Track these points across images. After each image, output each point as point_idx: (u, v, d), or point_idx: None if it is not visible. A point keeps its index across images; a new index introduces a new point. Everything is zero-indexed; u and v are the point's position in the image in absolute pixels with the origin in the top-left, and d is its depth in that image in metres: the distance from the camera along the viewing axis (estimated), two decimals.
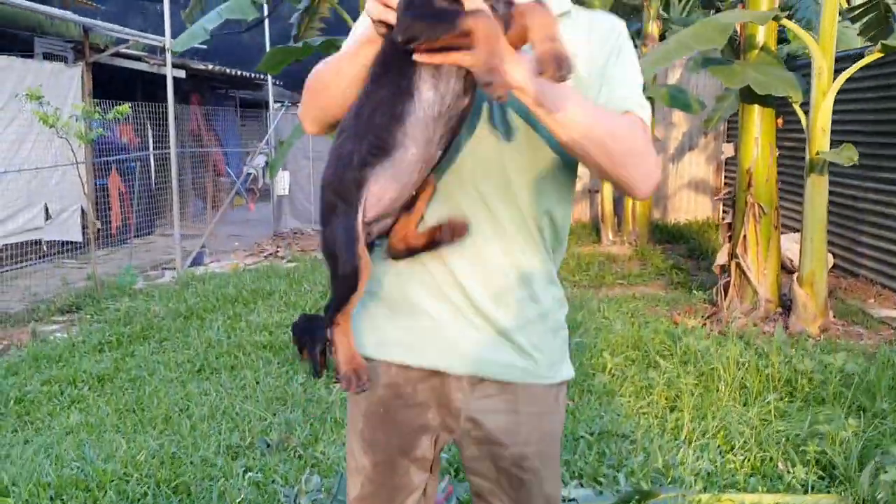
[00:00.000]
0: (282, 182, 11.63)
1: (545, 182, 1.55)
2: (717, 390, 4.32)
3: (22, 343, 5.70)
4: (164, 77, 9.05)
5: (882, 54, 5.33)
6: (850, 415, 3.86)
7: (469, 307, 1.54)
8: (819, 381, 4.31)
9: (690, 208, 11.72)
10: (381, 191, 1.41)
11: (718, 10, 10.64)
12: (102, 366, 4.98)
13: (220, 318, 6.11)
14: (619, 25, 1.58)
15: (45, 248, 9.00)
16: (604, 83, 1.51)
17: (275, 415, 4.12)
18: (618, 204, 10.37)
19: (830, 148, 5.74)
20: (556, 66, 1.22)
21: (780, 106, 6.09)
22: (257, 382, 4.66)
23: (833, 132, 5.80)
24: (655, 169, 1.49)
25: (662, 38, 10.87)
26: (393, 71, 1.35)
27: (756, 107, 5.96)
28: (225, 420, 4.06)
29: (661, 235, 10.47)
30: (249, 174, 15.03)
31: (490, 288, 1.54)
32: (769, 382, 4.39)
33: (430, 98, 1.35)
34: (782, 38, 9.63)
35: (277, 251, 9.75)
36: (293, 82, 16.13)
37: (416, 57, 1.30)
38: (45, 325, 6.25)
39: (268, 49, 12.33)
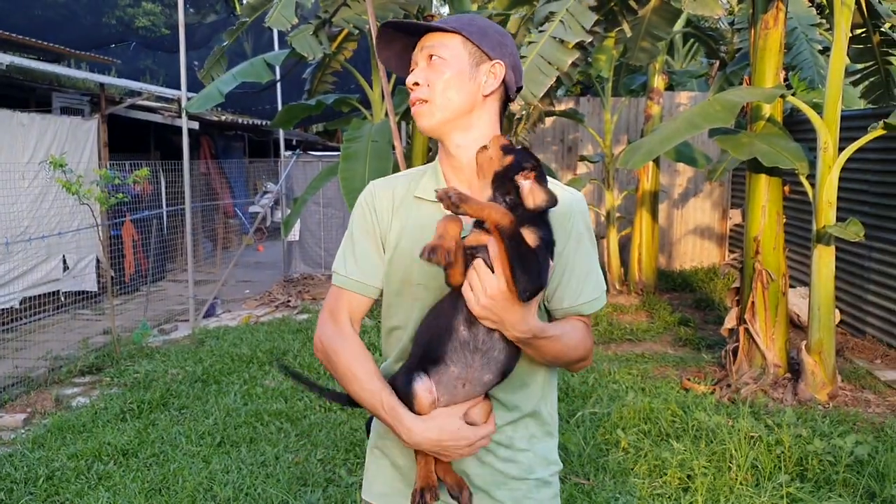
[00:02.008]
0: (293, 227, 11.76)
1: (531, 369, 1.73)
2: (730, 470, 4.43)
3: (45, 409, 5.81)
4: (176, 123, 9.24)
5: (884, 132, 5.45)
6: (860, 503, 3.95)
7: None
8: (829, 463, 4.40)
9: (696, 254, 11.85)
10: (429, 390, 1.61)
11: (722, 60, 10.88)
12: (125, 437, 5.08)
13: (237, 383, 6.22)
14: (572, 209, 1.72)
15: (63, 299, 9.14)
16: (569, 269, 1.70)
17: (296, 497, 4.23)
18: (623, 251, 10.51)
19: (837, 214, 5.87)
20: None
21: (786, 174, 6.22)
22: (277, 458, 4.76)
23: (839, 198, 5.93)
24: (580, 360, 1.72)
25: (670, 88, 11.08)
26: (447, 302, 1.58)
27: (763, 176, 6.09)
28: (249, 503, 4.17)
29: (667, 284, 10.59)
30: (257, 213, 15.21)
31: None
32: (780, 462, 4.49)
33: (465, 335, 1.55)
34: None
35: (289, 301, 9.87)
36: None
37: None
38: (66, 387, 6.36)
39: (279, 93, 12.60)
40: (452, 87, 1.67)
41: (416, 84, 1.69)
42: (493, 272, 1.45)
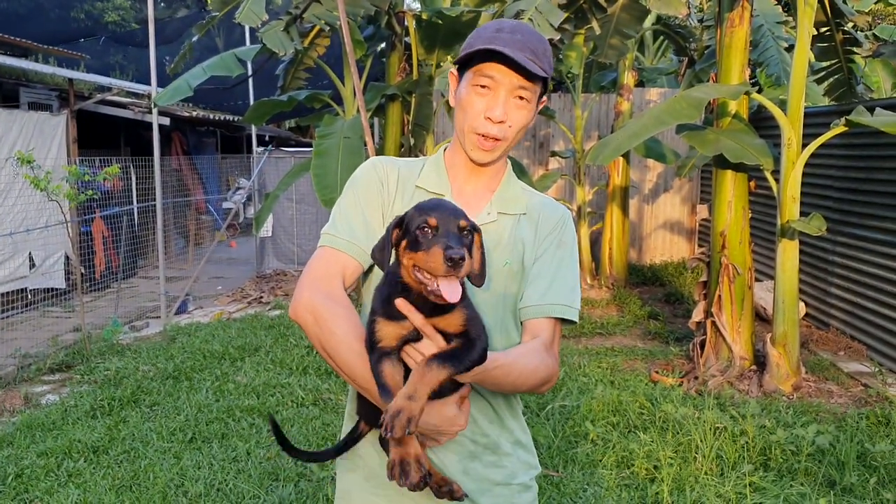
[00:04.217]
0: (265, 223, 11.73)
1: None
2: (695, 460, 4.51)
3: (14, 407, 5.77)
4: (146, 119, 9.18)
5: (846, 128, 5.56)
6: (820, 490, 4.05)
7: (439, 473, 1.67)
8: (791, 452, 4.51)
9: (666, 249, 11.98)
10: None
11: (691, 58, 10.99)
12: (96, 434, 5.06)
13: (209, 379, 6.21)
14: (564, 218, 1.80)
15: (31, 297, 9.05)
16: (542, 270, 1.72)
17: (268, 492, 4.25)
18: (594, 246, 10.61)
19: (801, 209, 5.99)
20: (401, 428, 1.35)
21: (752, 169, 6.32)
22: (248, 454, 4.78)
23: (803, 193, 6.05)
24: (544, 383, 1.66)
25: (640, 85, 11.18)
26: None
27: (729, 172, 6.19)
28: (220, 498, 4.18)
29: (637, 278, 10.70)
30: (229, 209, 15.13)
31: (460, 455, 1.70)
32: (745, 452, 4.58)
33: None
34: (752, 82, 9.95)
35: (261, 297, 9.85)
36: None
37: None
38: (36, 385, 6.32)
39: (251, 89, 12.54)
40: (524, 129, 1.71)
41: (501, 122, 1.66)
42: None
